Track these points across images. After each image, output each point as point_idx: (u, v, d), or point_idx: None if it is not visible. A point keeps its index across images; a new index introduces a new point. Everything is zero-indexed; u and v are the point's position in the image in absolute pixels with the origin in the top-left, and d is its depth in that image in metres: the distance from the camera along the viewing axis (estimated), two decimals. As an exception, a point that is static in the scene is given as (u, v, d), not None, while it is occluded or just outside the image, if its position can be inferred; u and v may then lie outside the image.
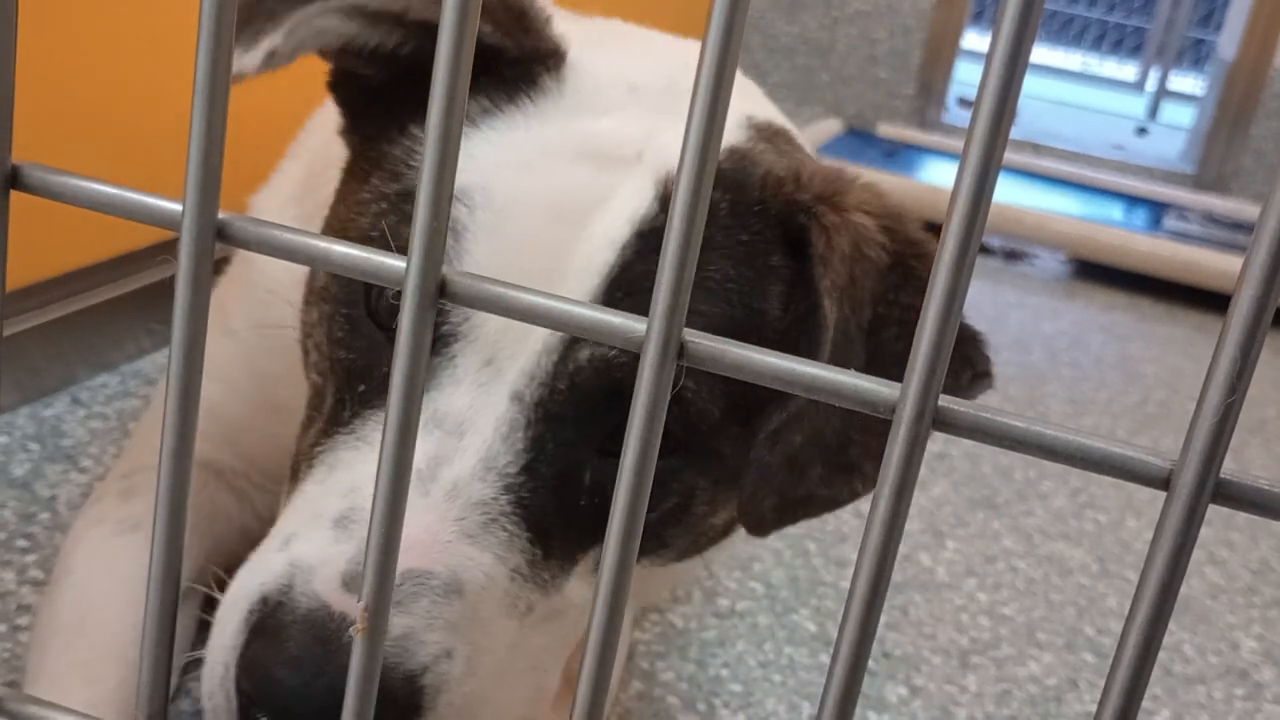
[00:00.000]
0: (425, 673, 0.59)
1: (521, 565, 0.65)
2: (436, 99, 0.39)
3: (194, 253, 0.43)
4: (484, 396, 0.64)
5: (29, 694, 0.53)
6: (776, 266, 0.70)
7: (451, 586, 0.61)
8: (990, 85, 0.35)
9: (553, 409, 0.64)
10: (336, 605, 0.58)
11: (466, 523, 0.62)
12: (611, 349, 0.63)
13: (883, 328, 0.72)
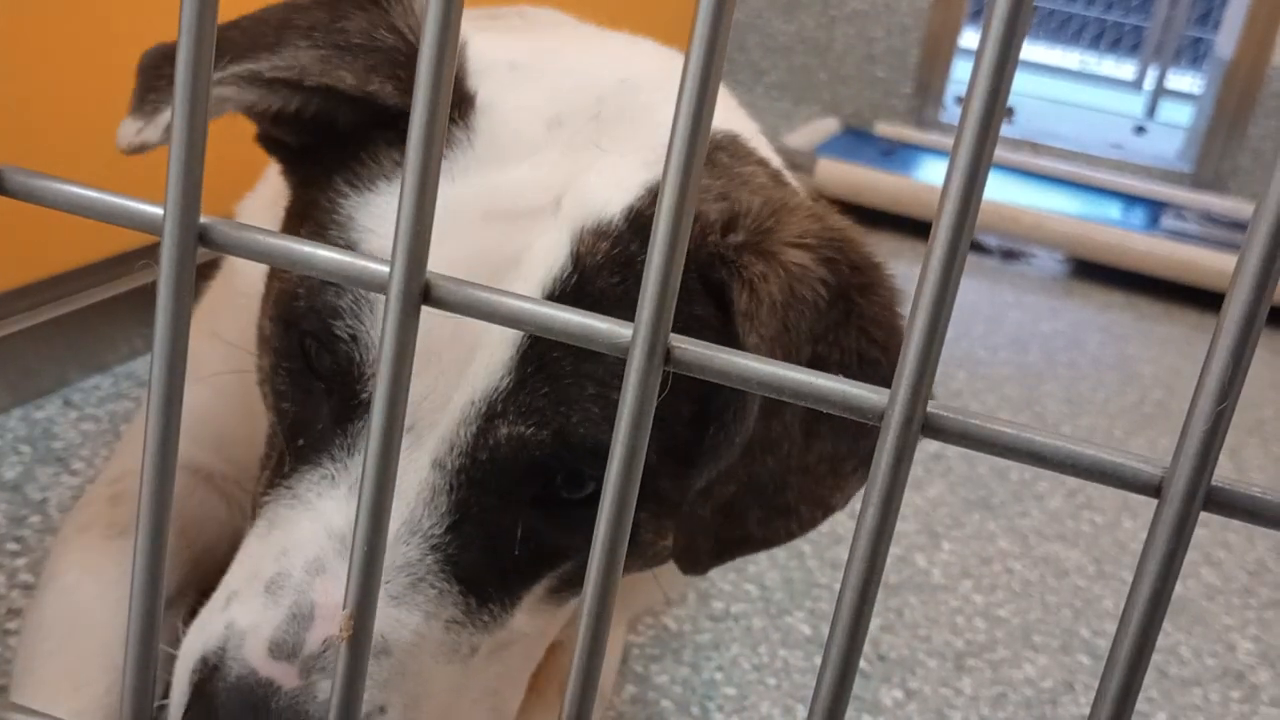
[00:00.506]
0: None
1: (456, 615, 0.66)
2: (420, 100, 0.39)
3: (176, 257, 0.43)
4: (406, 463, 0.64)
5: (15, 702, 0.52)
6: (702, 316, 0.68)
7: (378, 648, 0.62)
8: (980, 82, 0.34)
9: (475, 475, 0.65)
10: (263, 671, 0.60)
11: (391, 585, 0.63)
12: (528, 427, 0.64)
13: (820, 368, 0.70)
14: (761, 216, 0.68)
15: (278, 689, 0.59)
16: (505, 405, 0.64)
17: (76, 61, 1.20)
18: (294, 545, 0.64)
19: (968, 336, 2.19)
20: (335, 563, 0.63)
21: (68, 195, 0.45)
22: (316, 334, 0.66)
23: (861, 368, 0.70)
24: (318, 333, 0.66)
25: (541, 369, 0.64)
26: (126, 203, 0.44)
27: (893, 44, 3.47)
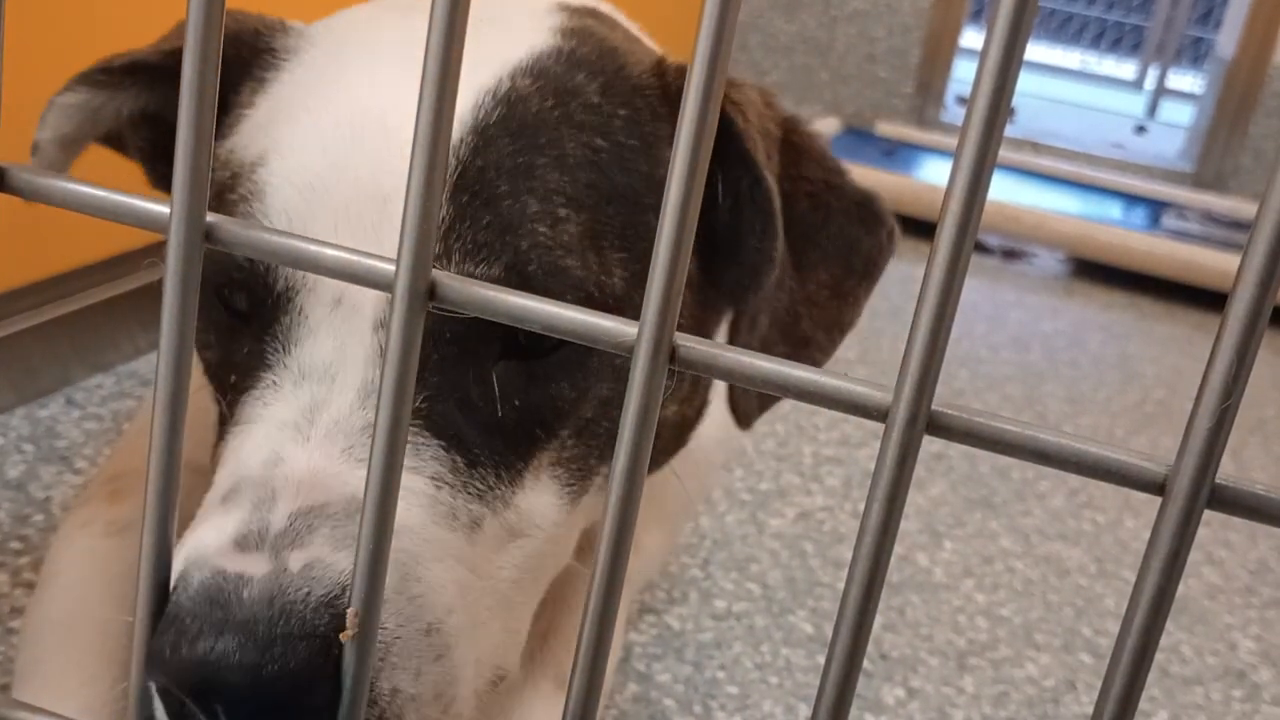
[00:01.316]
0: (344, 592, 0.53)
1: (442, 473, 0.61)
2: (426, 102, 0.39)
3: (182, 255, 0.43)
4: (345, 336, 0.61)
5: (18, 699, 0.52)
6: (668, 135, 0.70)
7: (352, 507, 0.56)
8: (984, 83, 0.34)
9: (430, 327, 0.59)
10: (231, 567, 0.54)
11: (356, 449, 0.59)
12: (476, 265, 0.60)
13: (794, 202, 0.75)
14: None
15: (248, 579, 0.53)
16: (446, 245, 0.61)
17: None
18: (247, 453, 0.60)
19: (969, 336, 2.19)
20: (292, 449, 0.58)
21: (73, 194, 0.45)
22: (224, 275, 0.64)
23: (830, 192, 0.77)
24: (224, 272, 0.63)
25: (477, 195, 0.61)
26: (132, 201, 0.44)
27: (894, 44, 3.46)
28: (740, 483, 1.43)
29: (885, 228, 0.80)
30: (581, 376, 0.66)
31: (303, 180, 0.63)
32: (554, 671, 0.86)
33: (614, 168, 0.67)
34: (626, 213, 0.67)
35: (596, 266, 0.64)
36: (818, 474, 1.49)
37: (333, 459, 0.58)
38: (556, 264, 0.62)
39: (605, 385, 0.67)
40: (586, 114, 0.68)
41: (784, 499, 1.41)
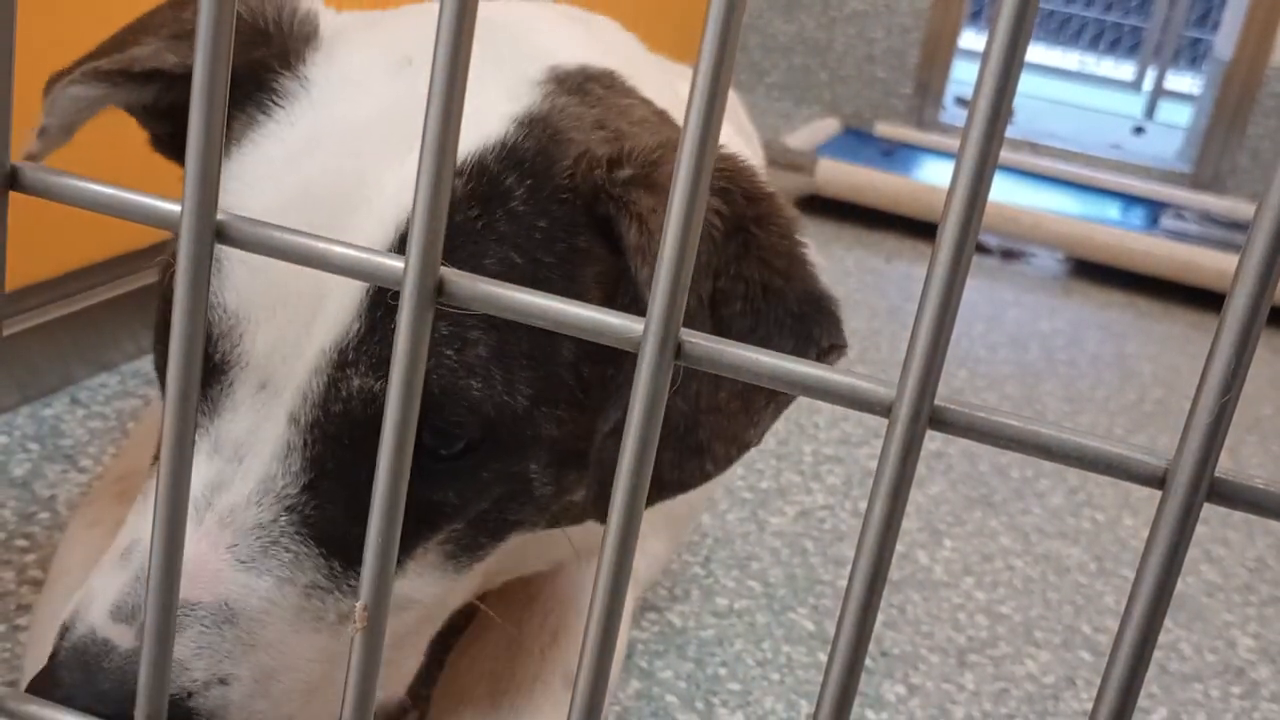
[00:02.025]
0: (191, 697, 0.60)
1: (318, 580, 0.64)
2: (435, 101, 0.39)
3: (193, 254, 0.43)
4: (261, 420, 0.63)
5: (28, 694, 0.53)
6: (587, 249, 0.67)
7: (220, 615, 0.61)
8: (986, 84, 0.35)
9: (329, 430, 0.63)
10: (101, 632, 0.60)
11: (240, 549, 0.62)
12: (377, 379, 0.61)
13: (725, 303, 0.69)
14: (649, 151, 0.67)
15: (112, 649, 0.59)
16: (356, 354, 0.62)
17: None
18: (148, 510, 0.61)
19: (968, 335, 2.19)
20: (188, 525, 0.62)
21: (85, 192, 0.46)
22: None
23: (766, 298, 0.69)
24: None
25: (390, 312, 0.62)
26: (143, 199, 0.45)
27: (893, 44, 3.47)
28: (741, 481, 1.43)
29: (815, 349, 0.71)
30: (474, 484, 0.67)
31: (257, 259, 0.63)
32: (562, 671, 0.86)
33: (528, 284, 0.66)
34: (535, 334, 0.64)
35: (501, 385, 0.64)
36: (818, 472, 1.50)
37: (217, 552, 0.62)
38: (456, 385, 0.63)
39: (499, 489, 0.68)
40: (508, 224, 0.65)
41: (785, 497, 1.42)
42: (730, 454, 0.70)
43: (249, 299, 0.63)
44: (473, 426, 0.64)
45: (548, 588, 0.93)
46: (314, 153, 0.66)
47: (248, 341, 0.63)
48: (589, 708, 0.44)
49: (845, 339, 0.72)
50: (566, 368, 0.67)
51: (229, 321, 0.63)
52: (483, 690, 0.85)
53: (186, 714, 0.60)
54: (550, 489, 0.70)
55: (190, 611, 0.60)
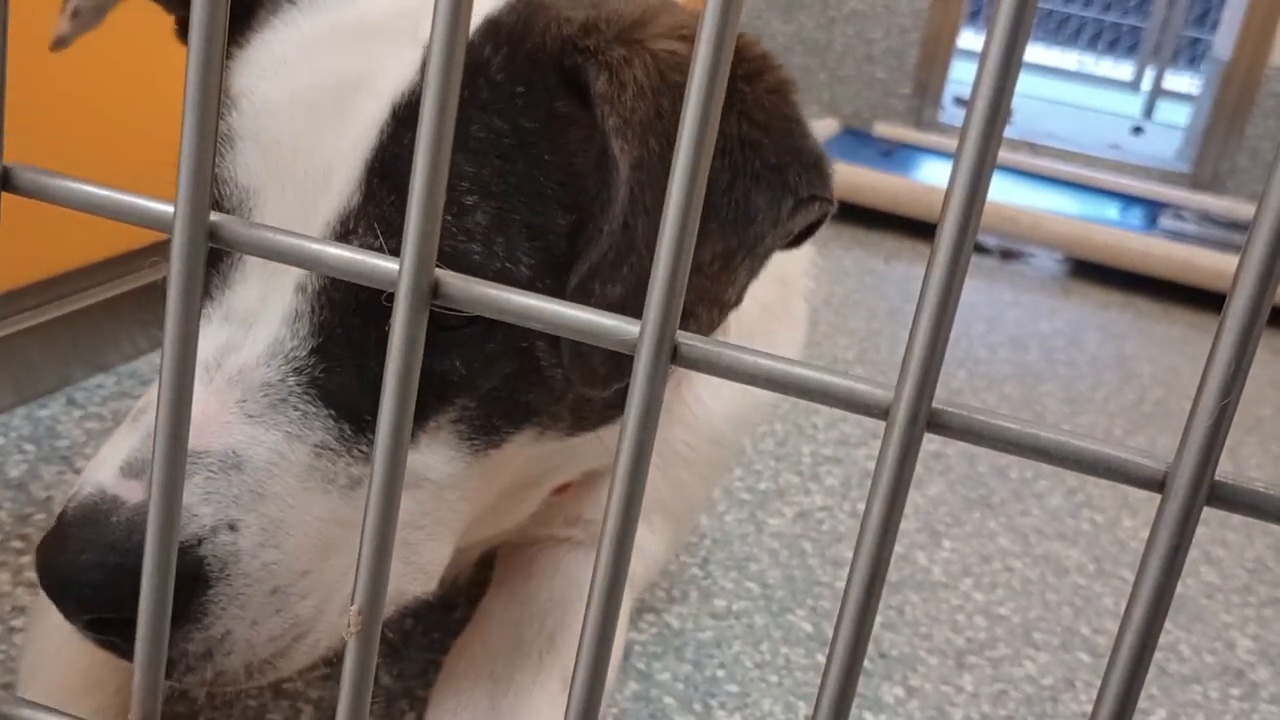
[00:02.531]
0: (201, 544, 0.61)
1: (327, 440, 0.65)
2: (428, 108, 0.39)
3: (186, 255, 0.43)
4: (269, 290, 0.65)
5: (23, 698, 0.53)
6: (568, 114, 0.68)
7: (228, 462, 0.62)
8: (984, 84, 0.35)
9: (335, 297, 0.65)
10: (110, 488, 0.61)
11: (249, 405, 0.63)
12: (379, 240, 0.63)
13: None
14: (628, 17, 0.68)
15: (121, 503, 0.60)
16: (357, 221, 0.64)
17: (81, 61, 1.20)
18: None
19: (967, 336, 2.19)
20: (195, 387, 0.62)
21: (78, 193, 0.45)
22: None
23: (744, 151, 0.69)
24: None
25: (387, 178, 0.64)
26: (136, 201, 0.45)
27: (891, 45, 3.47)
28: (739, 482, 1.43)
29: (792, 198, 0.70)
30: (480, 356, 0.68)
31: (268, 138, 0.66)
32: (560, 672, 0.86)
33: (517, 153, 0.67)
34: (531, 203, 0.66)
35: (502, 254, 0.66)
36: (816, 474, 1.49)
37: (226, 407, 0.63)
38: (456, 250, 0.64)
39: (507, 364, 0.69)
40: (489, 92, 0.67)
41: (783, 498, 1.41)
42: (714, 317, 0.70)
43: (259, 176, 0.66)
44: None
45: (546, 589, 0.93)
46: (328, 43, 0.68)
47: (257, 216, 0.66)
48: (586, 709, 0.44)
49: (830, 193, 0.71)
50: (564, 238, 0.68)
51: (240, 196, 0.66)
52: (481, 693, 0.85)
53: (197, 561, 0.60)
54: (559, 371, 0.70)
55: (198, 459, 0.61)
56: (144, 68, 1.25)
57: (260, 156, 0.66)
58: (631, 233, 0.66)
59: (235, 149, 0.66)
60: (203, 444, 0.62)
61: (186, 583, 0.60)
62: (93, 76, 1.21)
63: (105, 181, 0.45)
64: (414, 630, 1.04)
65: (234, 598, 0.62)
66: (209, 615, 0.62)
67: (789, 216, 0.70)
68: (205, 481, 0.61)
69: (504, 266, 0.65)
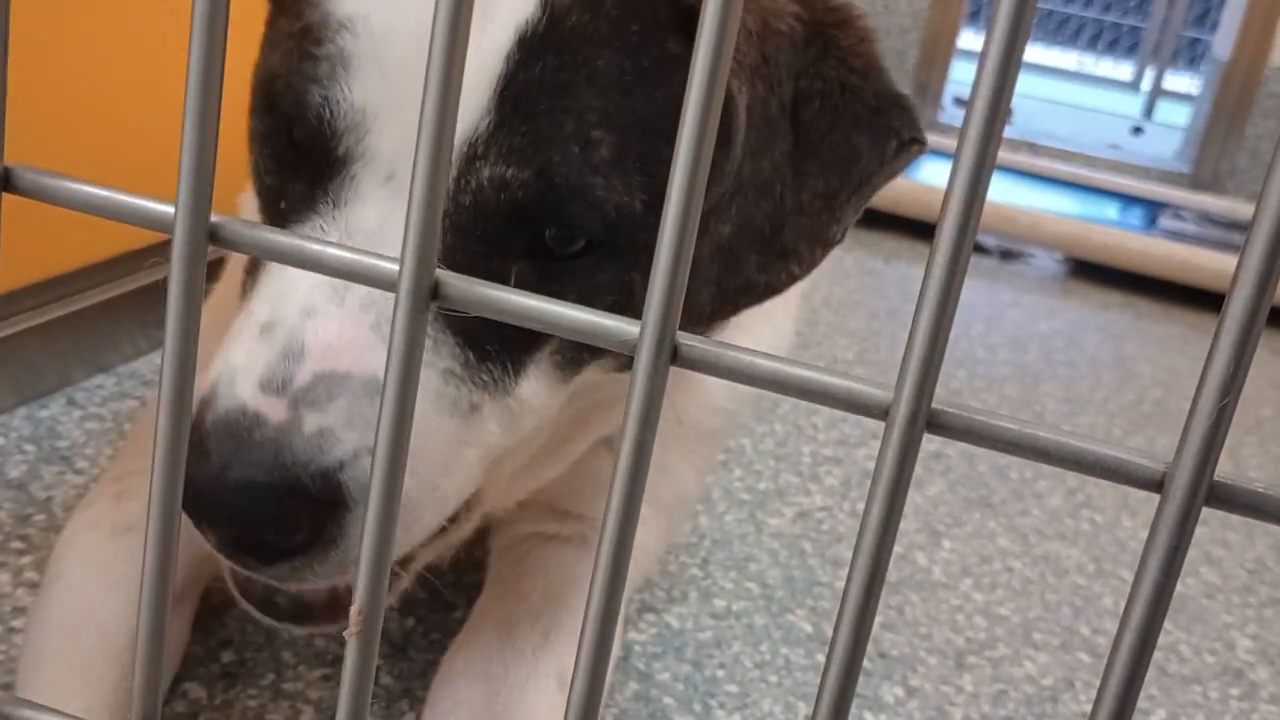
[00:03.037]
0: (343, 468, 0.61)
1: (454, 367, 0.66)
2: (429, 109, 0.39)
3: (186, 255, 0.43)
4: (391, 211, 0.65)
5: (23, 697, 0.53)
6: (677, 54, 0.68)
7: (371, 386, 0.61)
8: (984, 84, 0.35)
9: (460, 221, 0.65)
10: (251, 404, 0.60)
11: (384, 329, 0.63)
12: (509, 168, 0.64)
13: (805, 104, 0.71)
14: None
15: (264, 420, 0.60)
16: (486, 147, 0.64)
17: (81, 62, 1.20)
18: (287, 290, 0.63)
19: (966, 336, 2.19)
20: (327, 306, 0.63)
21: (78, 194, 0.45)
22: (293, 106, 0.66)
23: (844, 95, 0.72)
24: (295, 104, 0.66)
25: (518, 108, 0.64)
26: (137, 201, 0.45)
27: (891, 45, 3.47)
28: (739, 482, 1.43)
29: (895, 140, 0.74)
30: (592, 286, 0.69)
31: (390, 62, 0.65)
32: (555, 669, 0.86)
33: (635, 89, 0.67)
34: (646, 138, 0.67)
35: (621, 188, 0.66)
36: (816, 474, 1.50)
37: (362, 330, 0.62)
38: (584, 181, 0.65)
39: (610, 297, 0.70)
40: (609, 28, 0.67)
41: (783, 498, 1.41)
42: (815, 255, 0.73)
43: (378, 97, 0.65)
44: (595, 225, 0.66)
45: (539, 587, 0.93)
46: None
47: (373, 138, 0.65)
48: (585, 710, 0.44)
49: (924, 135, 0.75)
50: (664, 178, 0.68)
51: (355, 117, 0.65)
52: (476, 692, 0.85)
53: (337, 486, 0.60)
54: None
55: (341, 382, 0.61)
56: (145, 68, 1.25)
57: (380, 80, 0.65)
58: (740, 174, 0.68)
59: (350, 72, 0.65)
60: (344, 366, 0.61)
61: (327, 507, 0.60)
62: (93, 77, 1.22)
63: (106, 182, 0.45)
64: (414, 631, 1.04)
65: None
66: (348, 538, 0.62)
67: (894, 157, 0.74)
68: (349, 405, 0.61)
69: (622, 200, 0.66)
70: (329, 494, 0.60)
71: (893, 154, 0.74)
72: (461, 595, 1.09)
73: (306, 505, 0.60)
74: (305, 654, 0.98)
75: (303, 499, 0.59)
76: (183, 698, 0.90)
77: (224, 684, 0.93)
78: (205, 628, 0.98)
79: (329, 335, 0.62)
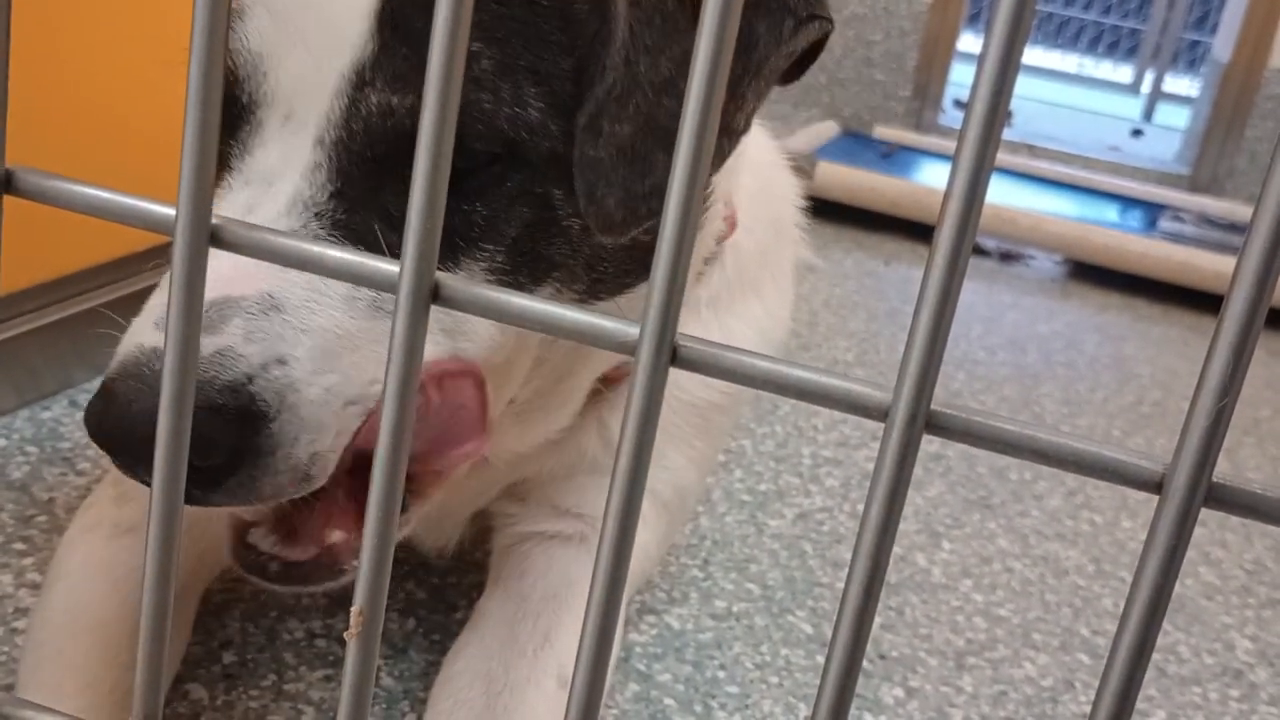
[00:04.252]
0: (251, 381, 0.62)
1: None
2: (430, 102, 0.39)
3: (187, 257, 0.43)
4: (289, 149, 0.67)
5: (24, 698, 0.53)
6: None
7: (265, 304, 0.63)
8: (983, 87, 0.35)
9: (353, 146, 0.66)
10: (148, 342, 0.62)
11: None
12: (394, 94, 0.65)
13: None
14: None
15: (160, 353, 0.60)
16: (372, 73, 0.66)
17: (82, 64, 1.20)
18: None
19: (966, 338, 2.19)
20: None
21: (79, 196, 0.46)
22: None
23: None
24: None
25: (397, 30, 0.66)
26: (138, 203, 0.45)
27: (891, 47, 3.47)
28: (740, 484, 1.43)
29: (791, 18, 0.72)
30: (499, 199, 0.69)
31: (277, 3, 0.67)
32: (555, 669, 0.86)
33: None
34: (533, 47, 0.68)
35: (510, 99, 0.67)
36: (816, 475, 1.50)
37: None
38: (466, 100, 0.65)
39: (526, 209, 0.70)
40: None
41: (783, 500, 1.41)
42: (723, 146, 0.72)
43: (271, 39, 0.67)
44: (491, 140, 0.67)
45: (539, 587, 0.93)
46: None
47: (272, 79, 0.67)
48: (586, 710, 0.44)
49: (828, 11, 0.73)
50: (569, 81, 0.69)
51: (253, 63, 0.67)
52: (477, 692, 0.85)
53: (249, 398, 0.62)
54: (577, 221, 0.71)
55: (234, 305, 0.62)
56: (146, 70, 1.25)
57: (270, 21, 0.67)
58: (634, 69, 0.68)
59: (245, 19, 0.67)
60: (237, 291, 0.63)
61: (246, 419, 0.62)
62: (94, 80, 1.22)
63: (107, 184, 0.45)
64: (415, 631, 1.04)
65: (303, 424, 0.63)
66: (278, 443, 0.63)
67: (790, 36, 0.72)
68: (245, 323, 0.62)
69: (514, 112, 0.67)
70: (241, 406, 0.61)
71: (789, 33, 0.72)
72: (462, 596, 1.09)
73: (221, 421, 0.61)
74: (307, 655, 0.98)
75: (214, 415, 0.60)
76: (184, 698, 0.90)
77: (225, 685, 0.93)
78: (206, 629, 0.98)
79: (220, 268, 0.62)
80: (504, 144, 0.67)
